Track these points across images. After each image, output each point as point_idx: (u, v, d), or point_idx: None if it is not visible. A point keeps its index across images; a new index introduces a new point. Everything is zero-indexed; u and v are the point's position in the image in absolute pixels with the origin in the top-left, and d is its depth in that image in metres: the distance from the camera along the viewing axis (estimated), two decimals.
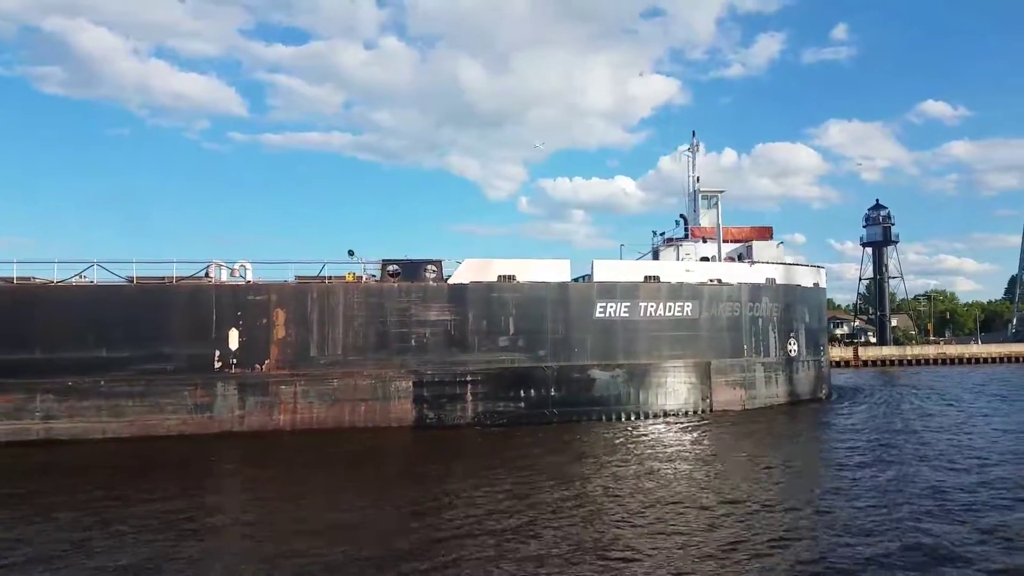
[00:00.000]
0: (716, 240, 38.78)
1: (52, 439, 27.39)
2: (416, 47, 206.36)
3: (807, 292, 39.99)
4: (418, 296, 31.11)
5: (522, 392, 31.63)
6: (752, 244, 40.11)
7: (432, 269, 31.78)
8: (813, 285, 40.78)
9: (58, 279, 29.28)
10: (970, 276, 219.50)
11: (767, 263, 38.32)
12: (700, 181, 44.08)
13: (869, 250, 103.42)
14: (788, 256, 41.86)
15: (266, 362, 29.54)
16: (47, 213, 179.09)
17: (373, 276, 31.93)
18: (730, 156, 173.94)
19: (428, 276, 31.61)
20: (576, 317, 32.61)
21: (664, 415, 33.10)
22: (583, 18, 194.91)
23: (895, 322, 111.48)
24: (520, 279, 32.23)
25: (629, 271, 34.64)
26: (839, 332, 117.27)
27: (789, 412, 35.60)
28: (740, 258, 39.49)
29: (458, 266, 32.05)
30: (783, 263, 39.54)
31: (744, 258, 39.35)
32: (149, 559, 13.27)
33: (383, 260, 31.89)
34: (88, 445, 27.01)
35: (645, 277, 34.14)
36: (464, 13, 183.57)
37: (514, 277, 32.19)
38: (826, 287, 44.18)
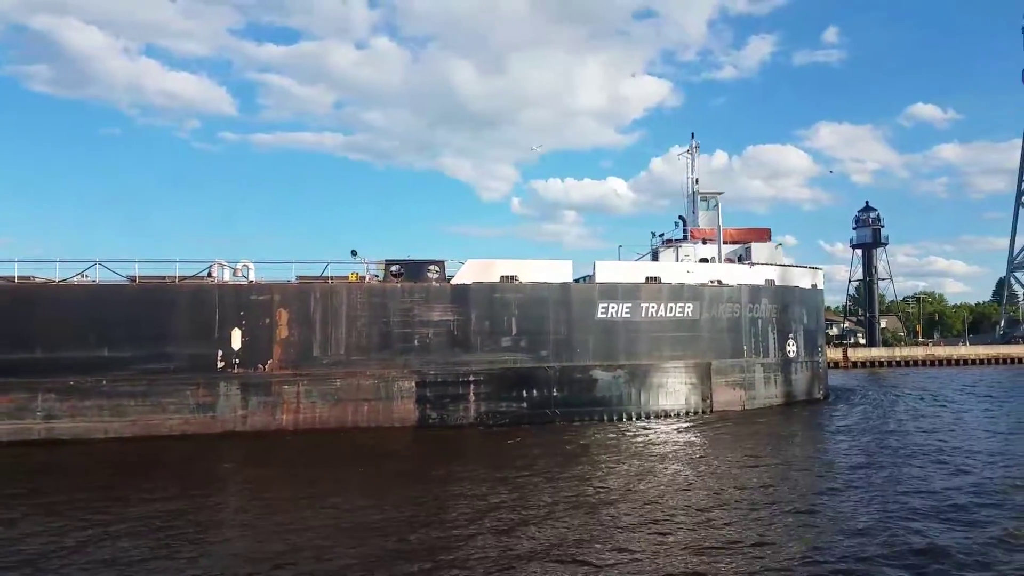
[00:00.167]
0: (716, 242, 38.93)
1: (54, 439, 27.18)
2: (408, 47, 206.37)
3: (805, 293, 40.27)
4: (421, 296, 31.11)
5: (524, 392, 31.68)
6: (751, 245, 40.32)
7: (435, 269, 31.79)
8: (811, 286, 41.09)
9: (59, 278, 29.08)
10: (959, 278, 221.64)
11: (766, 264, 38.57)
12: (699, 183, 44.29)
13: (859, 252, 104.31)
14: (785, 258, 42.16)
15: (269, 362, 29.45)
16: (41, 213, 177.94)
17: (376, 276, 31.91)
18: (721, 158, 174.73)
19: (431, 276, 31.62)
20: (578, 318, 32.68)
21: (665, 415, 33.24)
22: (575, 19, 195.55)
23: (884, 323, 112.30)
24: (522, 279, 32.28)
25: (630, 272, 34.77)
26: (829, 333, 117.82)
27: (789, 413, 35.80)
28: (740, 259, 39.68)
29: (461, 266, 32.07)
30: (782, 264, 39.79)
31: (743, 259, 39.53)
32: (150, 559, 13.24)
33: (386, 260, 31.89)
34: (90, 445, 26.81)
35: (646, 278, 34.28)
36: (456, 14, 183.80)
37: (516, 278, 32.25)
38: (824, 288, 44.60)
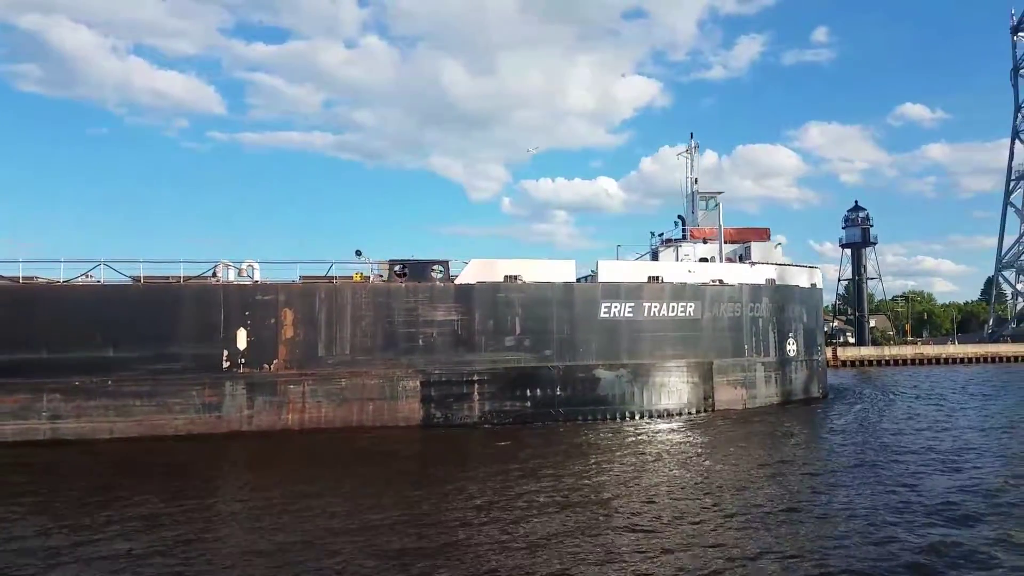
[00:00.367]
0: (717, 241, 39.11)
1: (59, 439, 27.23)
2: (398, 47, 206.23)
3: (804, 292, 40.54)
4: (425, 296, 31.22)
5: (528, 392, 31.82)
6: (750, 245, 40.56)
7: (439, 269, 31.90)
8: (811, 286, 41.37)
9: (64, 279, 29.06)
10: (947, 277, 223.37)
11: (766, 264, 38.80)
12: (698, 182, 44.51)
13: (848, 251, 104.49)
14: (784, 257, 42.40)
15: (274, 362, 29.52)
16: (36, 212, 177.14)
17: (380, 276, 32.00)
18: (711, 158, 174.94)
19: (435, 276, 31.73)
20: (581, 317, 32.84)
21: (667, 415, 33.45)
22: (565, 19, 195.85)
23: (873, 323, 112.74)
24: (526, 279, 32.41)
25: (632, 272, 34.94)
26: None
27: (789, 411, 36.01)
28: (741, 259, 39.91)
29: (464, 266, 32.19)
30: (781, 264, 40.02)
31: (744, 259, 39.77)
32: (151, 559, 13.32)
33: (390, 260, 31.98)
34: (95, 445, 26.82)
35: (648, 278, 34.44)
36: (446, 13, 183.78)
37: (520, 277, 32.37)
38: (823, 287, 44.88)
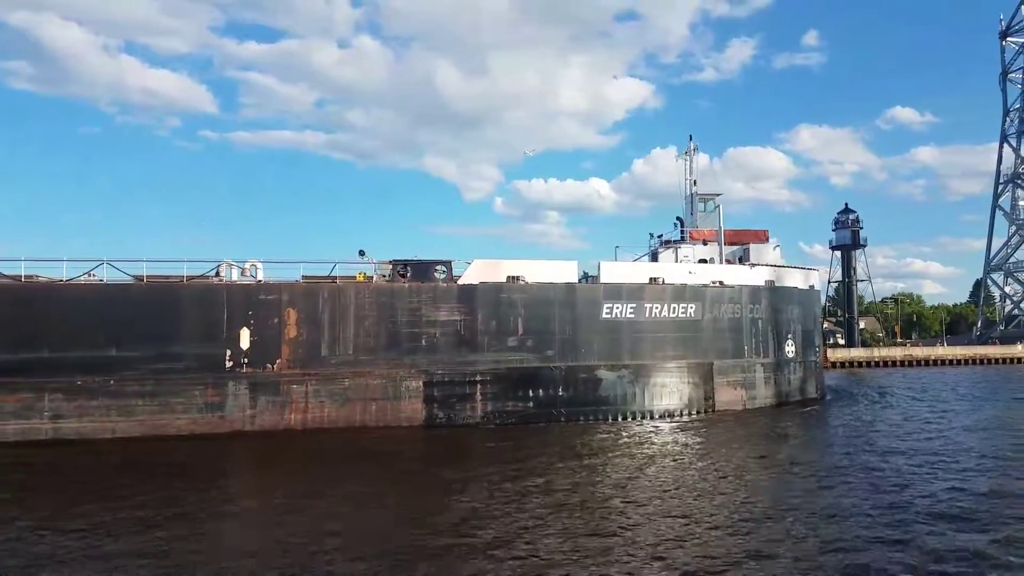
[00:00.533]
0: (717, 243, 39.29)
1: (61, 439, 27.08)
2: (391, 47, 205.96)
3: (803, 294, 40.81)
4: (428, 296, 31.24)
5: (530, 392, 31.90)
6: (749, 247, 40.77)
7: (442, 269, 31.93)
8: (809, 287, 41.65)
9: (66, 278, 28.91)
10: (936, 279, 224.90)
11: (765, 265, 39.03)
12: (697, 184, 44.67)
13: (838, 253, 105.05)
14: (782, 259, 42.61)
15: (277, 362, 29.47)
16: (32, 212, 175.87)
17: (383, 276, 32.00)
18: (702, 160, 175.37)
19: (438, 276, 31.76)
20: (583, 318, 32.94)
21: (668, 415, 33.61)
22: (558, 21, 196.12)
23: (863, 324, 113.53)
24: (528, 280, 32.49)
25: (634, 273, 35.09)
26: None
27: (788, 412, 36.27)
28: (740, 260, 40.11)
29: (467, 267, 32.24)
30: (780, 265, 40.27)
31: (744, 260, 39.98)
32: (151, 559, 13.33)
33: (393, 260, 31.98)
34: (97, 445, 26.67)
35: (650, 279, 34.60)
36: (439, 13, 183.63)
37: (522, 278, 32.44)
38: (820, 289, 45.20)
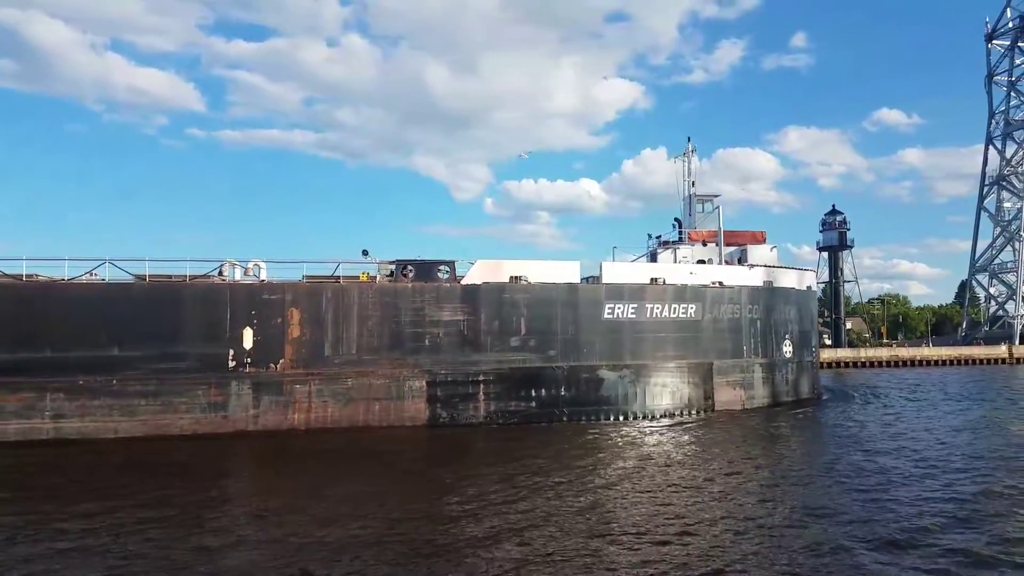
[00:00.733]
0: (716, 243, 39.57)
1: (62, 438, 26.88)
2: (379, 45, 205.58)
3: (800, 294, 41.15)
4: (431, 296, 31.26)
5: (533, 392, 31.98)
6: (747, 248, 41.06)
7: (445, 269, 31.96)
8: (806, 288, 42.00)
9: (68, 277, 28.69)
10: (922, 280, 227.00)
11: (763, 266, 39.33)
12: (695, 185, 44.95)
13: (825, 254, 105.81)
14: (779, 260, 42.95)
15: (280, 361, 29.39)
16: (28, 210, 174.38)
17: (386, 276, 31.98)
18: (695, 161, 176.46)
19: (441, 276, 31.78)
20: (585, 318, 33.06)
21: (668, 415, 33.80)
22: (548, 21, 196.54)
23: (850, 325, 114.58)
24: (531, 280, 32.57)
25: (635, 273, 35.26)
26: None
27: (787, 412, 36.55)
28: (739, 261, 40.39)
29: (470, 267, 32.28)
30: (778, 266, 40.59)
31: (742, 262, 40.25)
32: (152, 559, 13.33)
33: (396, 260, 31.96)
34: (99, 444, 26.52)
35: (651, 279, 34.78)
36: (428, 13, 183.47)
37: (525, 278, 32.50)
38: (817, 289, 45.58)
